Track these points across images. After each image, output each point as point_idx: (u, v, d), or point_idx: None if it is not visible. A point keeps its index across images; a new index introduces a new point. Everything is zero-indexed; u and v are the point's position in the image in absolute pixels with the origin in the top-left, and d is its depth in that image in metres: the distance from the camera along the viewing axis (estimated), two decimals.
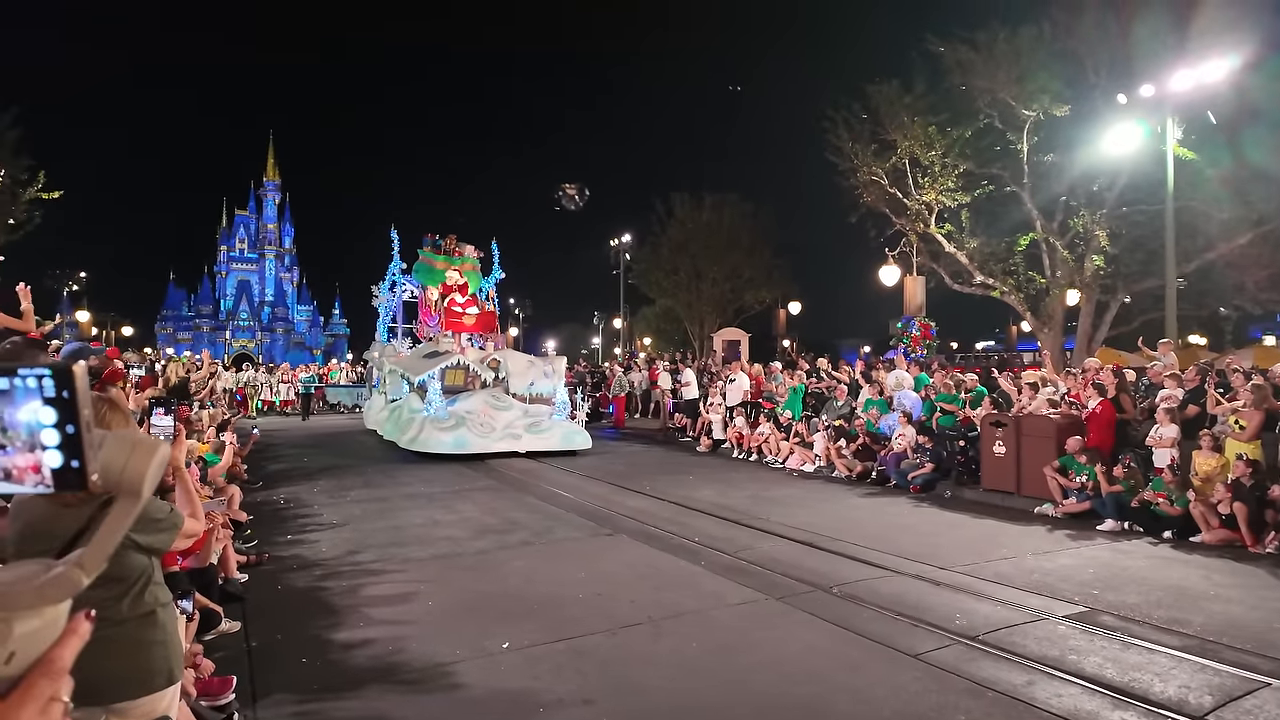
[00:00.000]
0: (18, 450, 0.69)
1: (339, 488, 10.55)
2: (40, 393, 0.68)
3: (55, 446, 0.69)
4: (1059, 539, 7.68)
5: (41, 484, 0.69)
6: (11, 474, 0.69)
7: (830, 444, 12.05)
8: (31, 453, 0.69)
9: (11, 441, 0.69)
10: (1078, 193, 17.14)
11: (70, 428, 0.68)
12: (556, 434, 14.16)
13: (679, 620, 5.11)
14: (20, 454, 0.69)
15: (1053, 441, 9.24)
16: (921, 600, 5.52)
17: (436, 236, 19.55)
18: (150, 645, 2.19)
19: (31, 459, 0.69)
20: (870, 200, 19.64)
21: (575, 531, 7.94)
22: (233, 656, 4.48)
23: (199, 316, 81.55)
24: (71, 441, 0.69)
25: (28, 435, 0.68)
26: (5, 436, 0.69)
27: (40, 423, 0.68)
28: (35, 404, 0.68)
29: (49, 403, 0.68)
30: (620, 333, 37.97)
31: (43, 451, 0.69)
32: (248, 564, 6.35)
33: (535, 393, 15.01)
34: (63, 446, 0.69)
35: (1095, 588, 5.88)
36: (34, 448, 0.69)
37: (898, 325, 19.49)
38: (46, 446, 0.69)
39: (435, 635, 4.84)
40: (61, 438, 0.68)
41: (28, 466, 0.69)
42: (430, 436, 13.50)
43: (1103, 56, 16.24)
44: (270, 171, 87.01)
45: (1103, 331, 18.17)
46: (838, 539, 7.39)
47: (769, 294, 31.77)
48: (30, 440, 0.68)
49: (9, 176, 19.91)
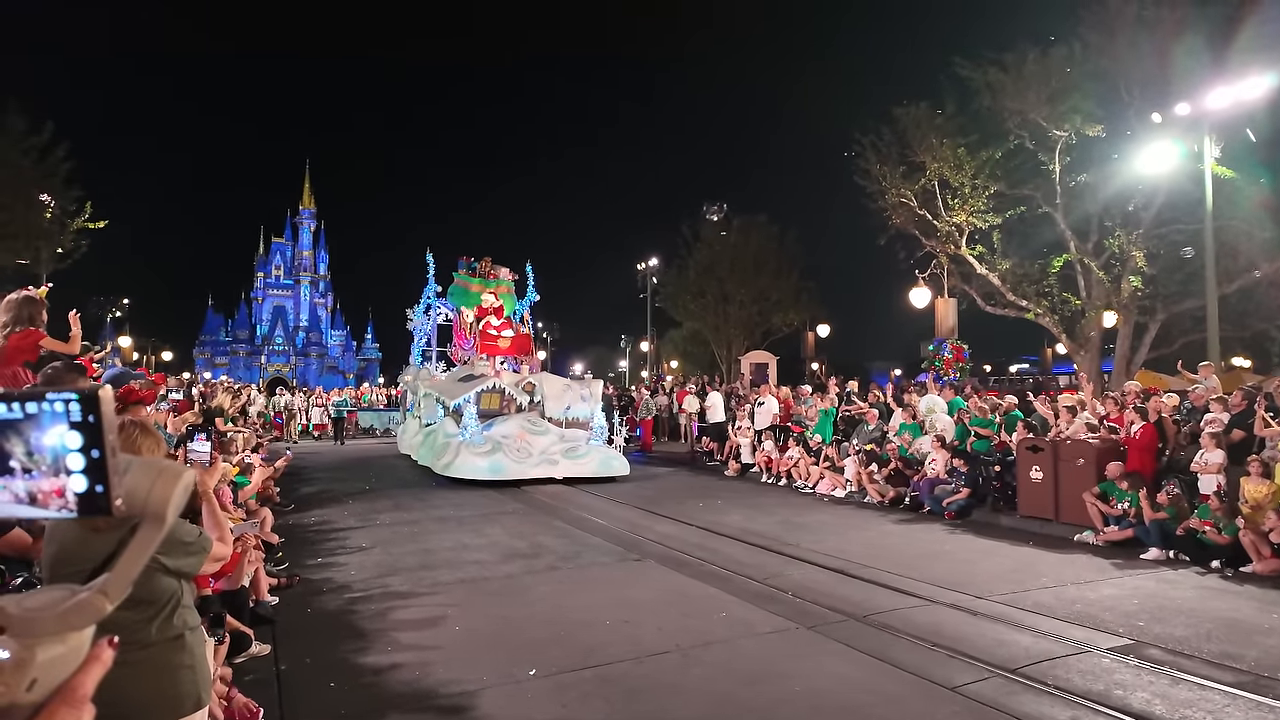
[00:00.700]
0: (43, 474, 0.68)
1: (369, 510, 10.62)
2: (67, 417, 0.68)
3: (80, 471, 0.68)
4: (1101, 568, 7.44)
5: (65, 508, 0.69)
6: (37, 498, 0.69)
7: (862, 469, 11.86)
8: (56, 477, 0.68)
9: (37, 465, 0.68)
10: (1113, 213, 16.85)
11: (95, 452, 0.68)
12: (594, 459, 13.92)
13: (708, 649, 5.02)
14: (45, 478, 0.68)
15: (1092, 467, 8.99)
16: (958, 630, 5.37)
17: (472, 259, 19.43)
18: (178, 669, 2.19)
19: (56, 483, 0.68)
20: (899, 222, 19.50)
21: (603, 556, 7.88)
22: (262, 679, 4.50)
23: (236, 341, 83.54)
24: (96, 466, 0.68)
25: (53, 459, 0.68)
26: (31, 460, 0.68)
27: (66, 447, 0.68)
28: (61, 428, 0.68)
29: (75, 427, 0.68)
30: (647, 356, 37.97)
31: (67, 476, 0.68)
32: (278, 586, 6.40)
33: (572, 417, 14.75)
34: (88, 471, 0.68)
35: (1141, 619, 5.67)
36: (59, 472, 0.68)
37: (929, 348, 19.24)
38: (71, 471, 0.68)
39: (462, 661, 4.81)
40: (86, 462, 0.68)
41: (52, 491, 0.68)
42: (466, 462, 13.28)
43: (1136, 75, 16.01)
44: (306, 199, 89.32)
45: (1141, 354, 17.73)
46: (870, 566, 7.24)
47: (797, 316, 31.58)
48: (55, 464, 0.68)
49: (59, 207, 20.67)
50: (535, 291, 19.63)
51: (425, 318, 20.33)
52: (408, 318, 20.97)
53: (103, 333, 33.88)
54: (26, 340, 4.77)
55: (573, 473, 13.44)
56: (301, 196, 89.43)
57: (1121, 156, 15.79)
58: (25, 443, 0.68)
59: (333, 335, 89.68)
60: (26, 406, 0.68)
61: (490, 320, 17.78)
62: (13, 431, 0.68)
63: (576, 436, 14.46)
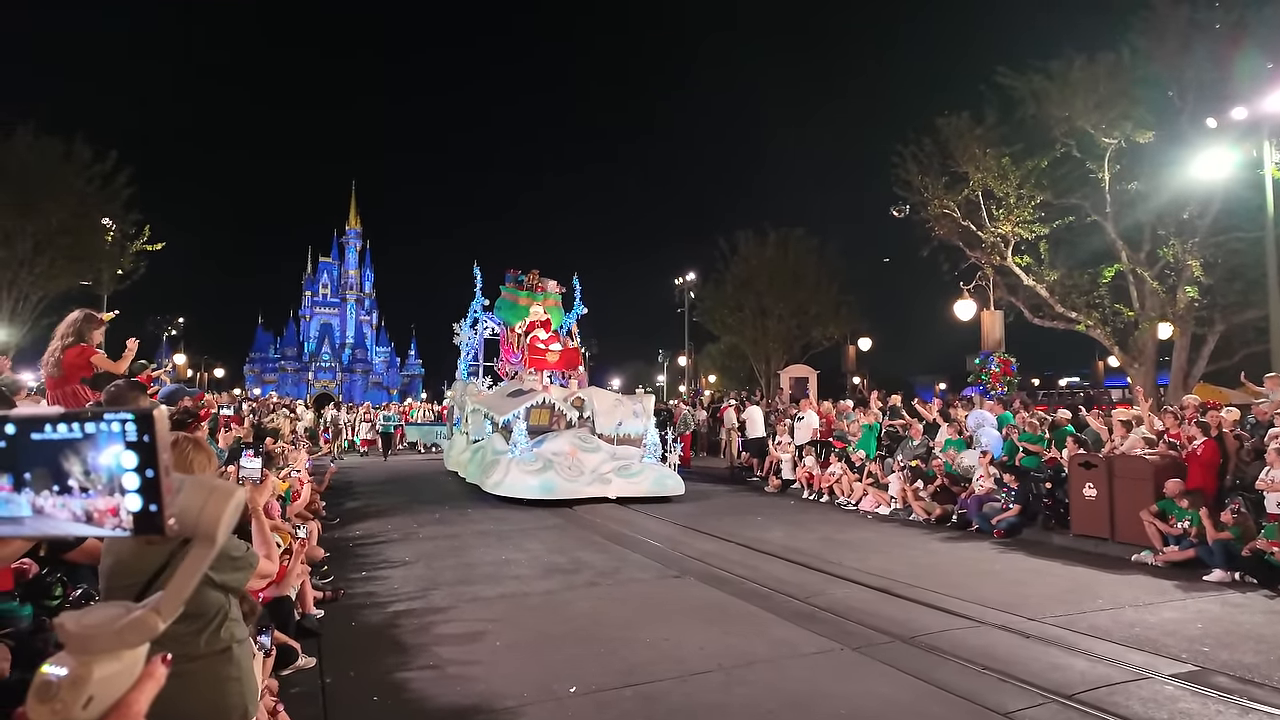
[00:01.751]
0: (99, 493, 0.70)
1: (411, 524, 10.75)
2: (123, 437, 0.69)
3: (135, 490, 0.70)
4: (1161, 589, 7.14)
5: (120, 527, 0.70)
6: (93, 516, 0.70)
7: (906, 485, 11.61)
8: (111, 496, 0.70)
9: (94, 485, 0.70)
10: (1166, 221, 16.29)
11: (150, 472, 0.69)
12: (648, 478, 13.36)
13: (750, 669, 4.94)
14: (101, 497, 0.70)
15: (1150, 484, 8.65)
16: (1010, 653, 5.19)
17: (519, 272, 19.02)
18: (226, 681, 2.23)
19: (111, 502, 0.70)
20: (942, 233, 19.18)
21: (642, 573, 7.84)
22: (308, 692, 4.56)
23: (284, 359, 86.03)
24: (151, 486, 0.69)
25: (108, 479, 0.69)
26: (88, 479, 0.70)
27: (121, 466, 0.69)
28: (117, 448, 0.69)
29: (130, 446, 0.69)
30: (685, 370, 37.88)
31: (122, 495, 0.70)
32: (323, 599, 6.50)
33: (623, 433, 14.28)
34: (142, 490, 0.70)
35: (1205, 644, 5.41)
36: (114, 491, 0.70)
37: (975, 361, 18.81)
38: (126, 490, 0.69)
39: (503, 677, 4.81)
40: (141, 481, 0.69)
41: (108, 509, 0.70)
42: (516, 480, 12.82)
43: (1189, 79, 15.54)
44: (352, 219, 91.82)
45: (1200, 366, 17.05)
46: (916, 585, 7.05)
47: (837, 330, 31.20)
48: (111, 484, 0.70)
49: (120, 231, 21.55)
50: (582, 304, 19.08)
51: (472, 331, 20.02)
52: (454, 332, 20.68)
53: (160, 350, 35.11)
54: (81, 356, 4.97)
55: (626, 492, 12.92)
56: (348, 217, 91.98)
57: (1174, 163, 15.30)
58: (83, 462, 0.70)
59: (377, 352, 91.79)
60: (85, 427, 0.69)
61: (538, 334, 17.25)
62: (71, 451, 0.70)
63: (628, 454, 13.98)
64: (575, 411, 14.51)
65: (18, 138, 18.88)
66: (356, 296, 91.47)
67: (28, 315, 19.83)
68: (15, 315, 19.61)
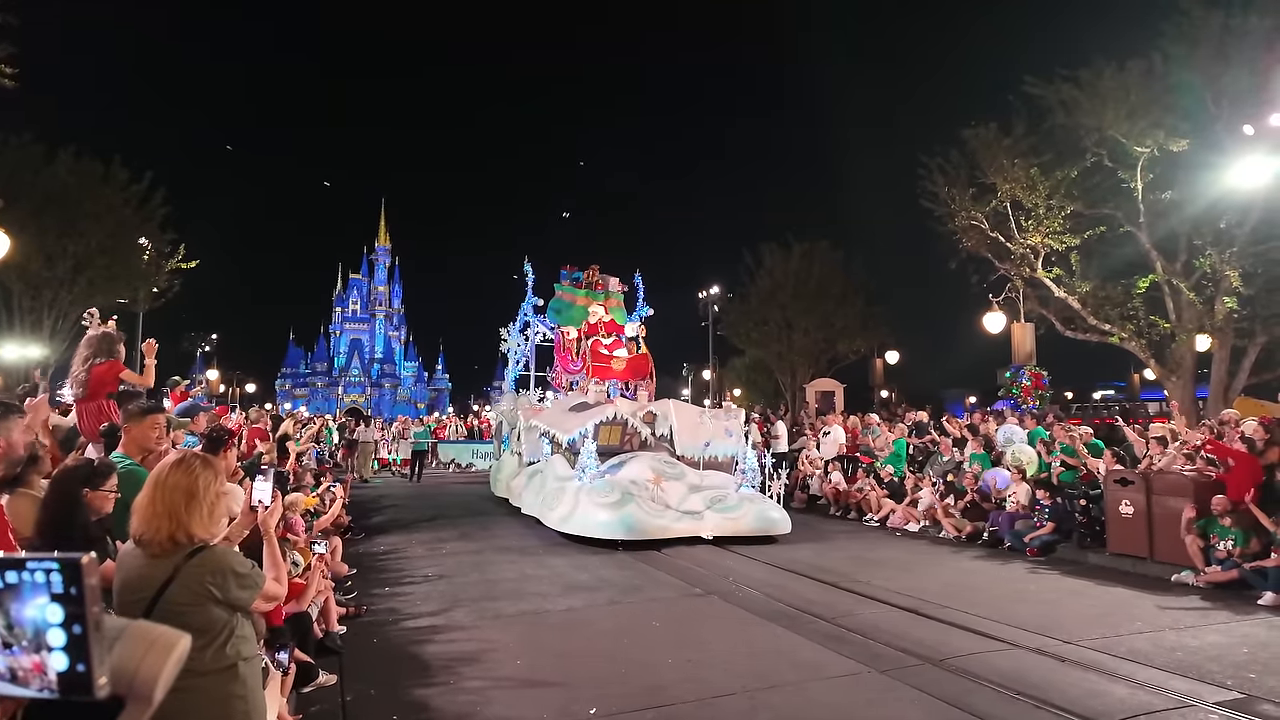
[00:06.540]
0: (23, 650, 0.63)
1: (435, 540, 10.77)
2: (48, 588, 0.63)
3: (60, 648, 0.63)
4: (1204, 612, 6.88)
5: (47, 688, 0.63)
6: (18, 675, 0.64)
7: (937, 501, 11.39)
8: (37, 653, 0.63)
9: (18, 640, 0.63)
10: (1202, 230, 15.89)
11: (78, 627, 0.63)
12: (749, 513, 10.65)
13: (775, 692, 4.83)
14: (26, 654, 0.64)
15: (1190, 501, 8.38)
16: (1045, 678, 5.02)
17: (575, 269, 16.11)
18: (229, 699, 2.22)
19: (36, 659, 0.64)
20: (970, 245, 18.92)
21: (665, 591, 7.75)
22: (328, 710, 4.56)
23: (314, 374, 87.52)
24: (78, 643, 0.63)
25: (33, 634, 0.63)
26: (11, 635, 0.64)
27: (47, 621, 0.63)
28: (43, 600, 0.63)
29: (56, 599, 0.63)
30: (709, 384, 37.73)
31: (48, 652, 0.63)
32: (347, 615, 6.51)
33: (711, 455, 11.87)
34: (69, 648, 0.63)
35: (1252, 670, 5.19)
36: (40, 648, 0.63)
37: (1006, 375, 18.47)
38: (52, 647, 0.63)
39: (523, 697, 4.77)
40: (68, 638, 0.63)
41: (32, 667, 0.64)
42: (588, 515, 10.30)
43: (1224, 85, 15.20)
44: (382, 236, 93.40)
45: (1240, 379, 16.54)
46: (947, 606, 6.88)
47: (864, 343, 30.88)
48: (36, 639, 0.63)
49: (155, 250, 22.08)
50: (647, 304, 16.21)
51: (522, 337, 17.32)
52: (501, 338, 18.03)
53: (193, 367, 35.84)
54: (110, 372, 5.09)
55: (724, 530, 10.34)
56: (378, 234, 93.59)
57: (1210, 171, 14.94)
58: (5, 615, 0.64)
59: (405, 367, 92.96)
60: (6, 576, 0.63)
61: (599, 338, 14.66)
62: None
63: (720, 482, 11.43)
64: (647, 428, 12.27)
65: (59, 162, 19.45)
66: (385, 312, 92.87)
67: (66, 333, 20.35)
68: (55, 333, 20.14)
